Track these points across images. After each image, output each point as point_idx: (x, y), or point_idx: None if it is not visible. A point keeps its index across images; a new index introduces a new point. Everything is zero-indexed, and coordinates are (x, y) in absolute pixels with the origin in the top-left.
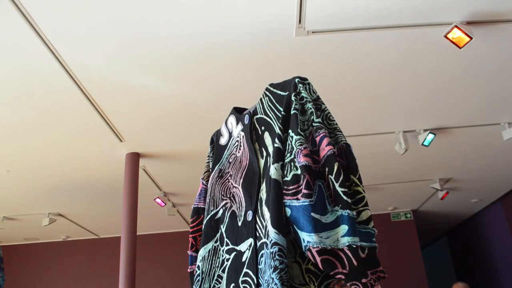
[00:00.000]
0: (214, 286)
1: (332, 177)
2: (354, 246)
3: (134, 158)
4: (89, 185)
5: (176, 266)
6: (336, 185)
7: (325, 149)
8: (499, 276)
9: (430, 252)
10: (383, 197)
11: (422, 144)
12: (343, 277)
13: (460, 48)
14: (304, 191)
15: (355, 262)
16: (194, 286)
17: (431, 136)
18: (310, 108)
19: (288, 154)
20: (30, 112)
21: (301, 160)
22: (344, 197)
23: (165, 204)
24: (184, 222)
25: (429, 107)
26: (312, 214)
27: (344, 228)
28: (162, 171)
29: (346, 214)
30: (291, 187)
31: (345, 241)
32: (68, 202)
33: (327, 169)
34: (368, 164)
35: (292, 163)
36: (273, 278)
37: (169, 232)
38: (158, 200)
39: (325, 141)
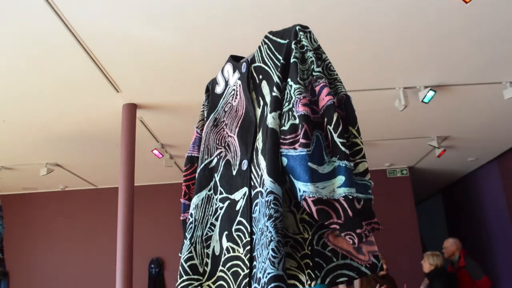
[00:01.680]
0: (206, 234)
1: (331, 128)
2: (350, 197)
3: (131, 109)
4: (87, 136)
5: (174, 217)
6: (335, 135)
7: (325, 99)
8: (490, 234)
9: (424, 209)
10: (380, 153)
11: (422, 101)
12: (337, 227)
13: (466, 3)
14: (301, 140)
15: (350, 213)
16: (186, 234)
17: (431, 93)
18: (311, 57)
19: (286, 104)
20: (25, 62)
21: (300, 110)
22: (342, 148)
23: (163, 156)
24: (181, 174)
25: (431, 64)
26: (309, 164)
27: (340, 179)
28: (160, 123)
29: (343, 165)
30: (288, 137)
31: (341, 192)
32: (66, 152)
33: (325, 119)
34: (367, 120)
35: (290, 113)
36: (267, 226)
37: (166, 183)
38: (155, 152)
39: (325, 91)
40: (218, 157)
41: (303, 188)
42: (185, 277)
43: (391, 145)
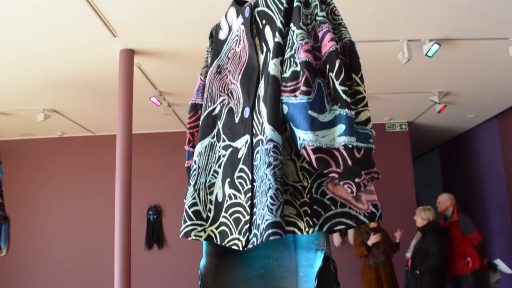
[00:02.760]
0: (210, 180)
1: (333, 75)
2: (350, 146)
3: (129, 55)
4: (84, 82)
5: (172, 165)
6: (336, 83)
7: (327, 45)
8: (485, 191)
9: (421, 164)
10: (379, 106)
11: (426, 55)
12: (336, 176)
13: None
14: (302, 88)
15: (349, 162)
16: (190, 180)
17: (436, 46)
18: (315, 1)
19: (289, 50)
20: (20, 6)
21: (302, 56)
22: (344, 96)
23: (161, 104)
24: (180, 122)
25: (437, 17)
26: (309, 112)
27: (341, 127)
28: (158, 70)
29: (344, 113)
30: (289, 84)
31: (341, 140)
32: (63, 98)
33: (328, 66)
34: (368, 72)
35: (292, 59)
36: (266, 174)
37: (165, 132)
38: (153, 99)
39: (328, 36)
40: (221, 104)
41: (303, 136)
42: (189, 222)
43: (392, 99)
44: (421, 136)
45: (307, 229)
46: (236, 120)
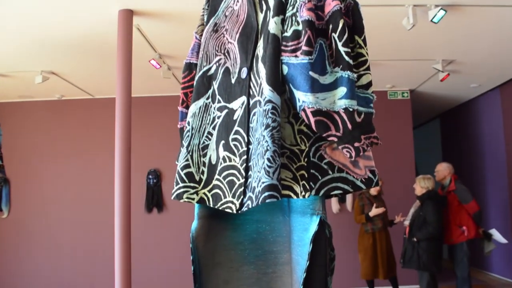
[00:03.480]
0: (203, 142)
1: (336, 36)
2: (351, 110)
3: (127, 15)
4: (82, 44)
5: (172, 129)
6: (339, 44)
7: (331, 4)
8: (484, 162)
9: (421, 133)
10: (382, 73)
11: (431, 21)
12: (335, 139)
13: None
14: (304, 48)
15: (349, 126)
16: (183, 142)
17: (442, 12)
18: None
19: (290, 8)
20: None
21: (304, 15)
22: (346, 58)
23: (160, 67)
24: (179, 85)
25: None
26: (310, 73)
27: (342, 90)
28: (158, 31)
29: (346, 76)
30: (290, 43)
31: (341, 103)
32: (61, 60)
33: (331, 26)
34: (371, 37)
35: (293, 18)
36: (264, 136)
37: (164, 95)
38: (153, 62)
39: None
40: (217, 64)
41: (303, 98)
42: (181, 184)
43: (394, 66)
44: (423, 105)
45: (303, 193)
46: (233, 81)
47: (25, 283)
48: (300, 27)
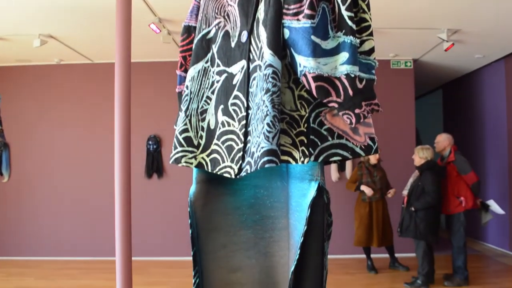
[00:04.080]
0: (202, 107)
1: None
2: (352, 76)
3: None
4: (81, 6)
5: (172, 95)
6: (342, 8)
7: None
8: (484, 134)
9: (423, 103)
10: (385, 42)
11: None
12: (336, 106)
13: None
14: (306, 11)
15: (350, 92)
16: (181, 106)
17: None
18: None
19: None
20: None
21: None
22: (349, 23)
23: (160, 31)
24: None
25: None
26: (312, 37)
27: (344, 55)
28: None
29: (348, 41)
30: (292, 7)
31: (343, 69)
32: (59, 23)
33: None
34: (375, 5)
35: None
36: (264, 101)
37: (164, 61)
38: (152, 26)
39: None
40: (217, 27)
41: (304, 63)
42: (179, 149)
43: (398, 34)
44: (425, 75)
45: (302, 159)
46: (232, 44)
47: (27, 245)
48: None
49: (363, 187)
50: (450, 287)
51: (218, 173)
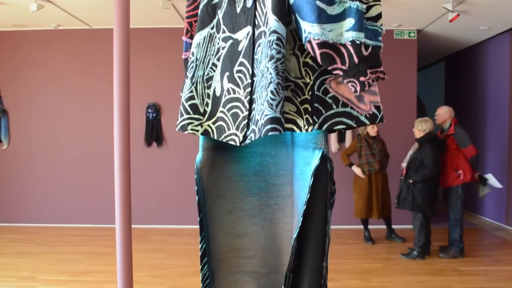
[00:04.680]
0: (208, 74)
1: None
2: (358, 43)
3: None
4: None
5: (171, 62)
6: None
7: None
8: (486, 107)
9: (425, 75)
10: (389, 11)
11: None
12: (341, 73)
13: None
14: None
15: (356, 59)
16: (187, 73)
17: None
18: None
19: None
20: None
21: None
22: None
23: None
24: (179, 17)
25: None
26: (317, 2)
27: (350, 22)
28: None
29: (355, 6)
30: None
31: (349, 36)
32: None
33: None
34: None
35: None
36: (268, 68)
37: (164, 27)
38: None
39: None
40: None
41: (309, 29)
42: (185, 116)
43: (403, 4)
44: (429, 46)
45: (306, 127)
46: (238, 10)
47: (28, 212)
48: None
49: (354, 168)
50: (446, 258)
51: (224, 140)
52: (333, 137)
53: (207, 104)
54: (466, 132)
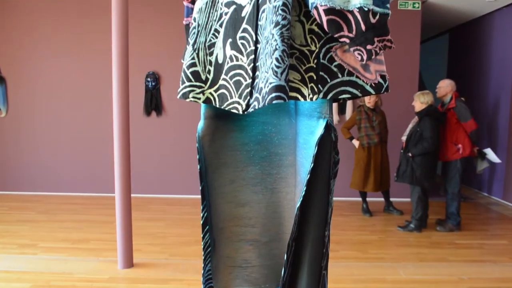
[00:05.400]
0: (210, 40)
1: None
2: (366, 10)
3: None
4: None
5: (171, 30)
6: None
7: None
8: (489, 83)
9: (428, 47)
10: None
11: None
12: (347, 41)
13: None
14: None
15: (363, 27)
16: (189, 39)
17: None
18: None
19: None
20: None
21: None
22: None
23: None
24: None
25: None
26: None
27: None
28: None
29: None
30: None
31: (356, 2)
32: None
33: None
34: None
35: None
36: (273, 34)
37: None
38: None
39: None
40: None
41: None
42: (187, 83)
43: None
44: (433, 18)
45: (311, 95)
46: None
47: (27, 180)
48: None
49: (354, 141)
50: (442, 232)
51: (226, 108)
52: (334, 108)
53: (209, 72)
54: (467, 106)
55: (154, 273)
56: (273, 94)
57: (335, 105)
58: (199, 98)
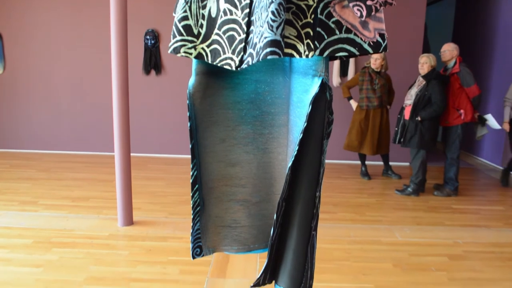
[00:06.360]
0: None
1: None
2: None
3: None
4: None
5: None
6: None
7: None
8: (494, 49)
9: (434, 10)
10: None
11: None
12: None
13: None
14: None
15: None
16: None
17: None
18: None
19: None
20: None
21: None
22: None
23: None
24: None
25: None
26: None
27: None
28: None
29: None
30: None
31: None
32: None
33: None
34: None
35: None
36: None
37: None
38: None
39: None
40: None
41: None
42: (178, 38)
43: None
44: None
45: (306, 52)
46: None
47: (27, 138)
48: None
49: (351, 102)
50: (440, 196)
51: (219, 64)
52: (335, 71)
53: (201, 26)
54: (470, 71)
55: (153, 231)
56: (268, 49)
57: (336, 67)
58: (191, 53)
